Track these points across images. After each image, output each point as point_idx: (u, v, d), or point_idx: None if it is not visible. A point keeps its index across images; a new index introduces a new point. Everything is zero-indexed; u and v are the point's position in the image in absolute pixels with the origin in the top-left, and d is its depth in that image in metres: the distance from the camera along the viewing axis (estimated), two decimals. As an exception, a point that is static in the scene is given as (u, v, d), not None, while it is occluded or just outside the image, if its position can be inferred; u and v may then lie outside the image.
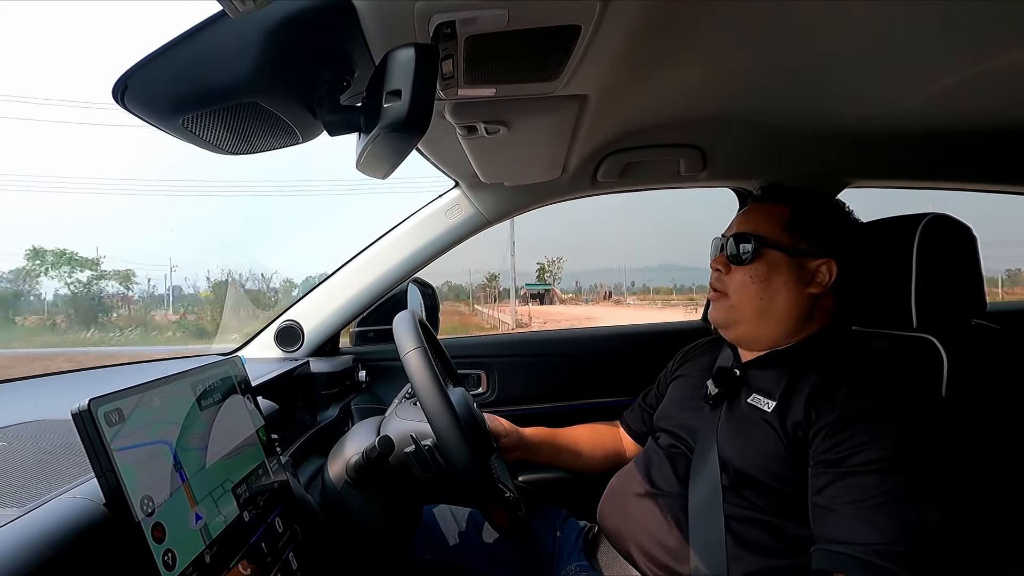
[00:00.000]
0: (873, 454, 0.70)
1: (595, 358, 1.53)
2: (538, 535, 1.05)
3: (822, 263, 0.85)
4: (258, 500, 0.61)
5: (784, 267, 0.85)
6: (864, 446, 0.70)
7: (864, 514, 0.68)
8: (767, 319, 0.87)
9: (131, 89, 0.54)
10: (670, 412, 0.99)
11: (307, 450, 0.99)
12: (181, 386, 0.56)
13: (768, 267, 0.86)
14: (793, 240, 0.86)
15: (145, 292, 32.66)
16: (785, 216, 0.88)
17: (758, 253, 0.86)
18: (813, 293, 0.85)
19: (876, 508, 0.67)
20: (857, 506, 0.68)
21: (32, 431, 0.68)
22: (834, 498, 0.70)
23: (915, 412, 0.73)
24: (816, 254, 0.85)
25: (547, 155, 1.02)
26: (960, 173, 1.29)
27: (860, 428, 0.71)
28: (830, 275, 0.85)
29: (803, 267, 0.85)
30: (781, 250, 0.86)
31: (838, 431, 0.72)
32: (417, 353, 0.76)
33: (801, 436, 0.76)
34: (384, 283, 1.33)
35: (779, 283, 0.85)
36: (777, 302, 0.86)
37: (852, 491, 0.69)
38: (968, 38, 0.71)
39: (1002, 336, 0.89)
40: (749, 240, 0.87)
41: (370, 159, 0.60)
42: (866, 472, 0.69)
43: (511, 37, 0.57)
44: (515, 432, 1.06)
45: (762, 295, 0.86)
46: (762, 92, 0.92)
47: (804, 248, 0.85)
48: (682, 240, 60.05)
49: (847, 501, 0.69)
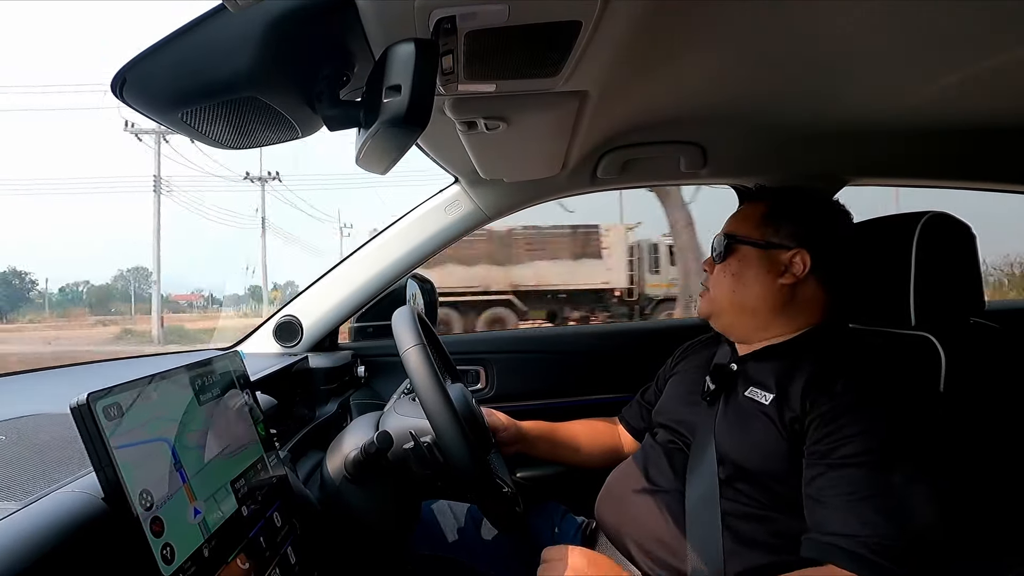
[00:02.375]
0: (862, 446, 0.70)
1: (594, 355, 1.53)
2: (536, 531, 1.06)
3: (794, 253, 0.87)
4: (256, 495, 0.61)
5: (755, 260, 0.89)
6: (852, 438, 0.71)
7: (853, 507, 0.68)
8: (743, 311, 0.91)
9: (130, 83, 0.54)
10: (668, 408, 0.99)
11: (306, 445, 1.00)
12: (180, 381, 0.56)
13: (740, 262, 0.91)
14: (765, 234, 0.89)
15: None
16: (760, 212, 0.92)
17: (731, 250, 0.92)
18: (787, 284, 0.87)
19: (865, 501, 0.68)
20: (846, 498, 0.69)
21: (31, 425, 0.68)
22: (824, 489, 0.71)
23: (908, 407, 0.74)
24: (787, 246, 0.88)
25: (547, 151, 1.01)
26: (961, 171, 1.29)
27: (850, 420, 0.72)
28: (804, 265, 0.86)
29: (774, 259, 0.88)
30: (751, 244, 0.90)
31: (829, 422, 0.73)
32: (416, 350, 0.76)
33: (798, 428, 0.76)
34: (383, 279, 1.33)
35: (750, 276, 0.89)
36: (750, 294, 0.89)
37: (841, 483, 0.70)
38: (969, 36, 0.71)
39: (1000, 335, 0.89)
40: (725, 239, 0.93)
41: (370, 154, 0.60)
42: (855, 464, 0.70)
43: (511, 33, 0.57)
44: (513, 426, 1.06)
45: (734, 288, 0.91)
46: (763, 89, 0.92)
47: (775, 241, 0.88)
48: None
49: (836, 493, 0.70)
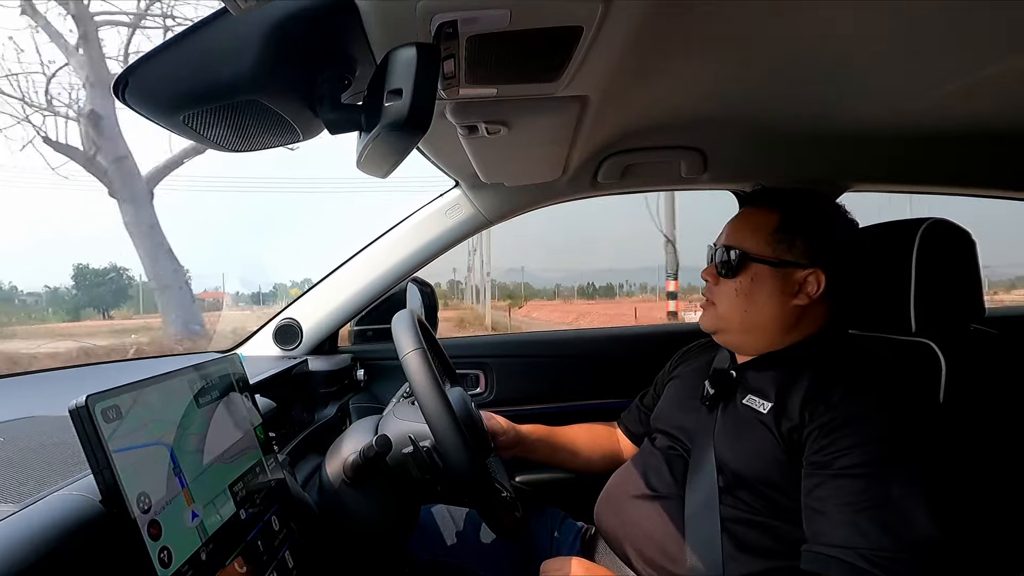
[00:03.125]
0: (860, 457, 0.70)
1: (593, 359, 1.53)
2: (535, 536, 1.05)
3: (809, 274, 0.83)
4: (255, 498, 0.61)
5: (768, 279, 0.84)
6: (851, 449, 0.70)
7: (851, 518, 0.68)
8: (753, 329, 0.87)
9: (132, 85, 0.54)
10: (667, 413, 0.99)
11: (304, 449, 0.99)
12: (179, 383, 0.56)
13: (752, 280, 0.85)
14: (779, 251, 0.84)
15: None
16: (773, 223, 0.86)
17: (742, 267, 0.86)
18: (800, 304, 0.84)
19: (863, 512, 0.67)
20: (844, 509, 0.68)
21: (29, 427, 0.68)
22: (823, 500, 0.71)
23: (908, 417, 0.73)
24: (803, 265, 0.83)
25: (548, 156, 1.02)
26: (960, 178, 1.29)
27: (850, 430, 0.71)
28: (818, 286, 0.83)
29: (789, 278, 0.84)
30: (766, 263, 0.84)
31: (829, 432, 0.72)
32: (417, 355, 0.76)
33: (796, 438, 0.76)
34: (383, 282, 1.33)
35: (763, 296, 0.84)
36: (762, 314, 0.85)
37: (840, 493, 0.69)
38: (969, 42, 0.71)
39: (1000, 341, 0.89)
40: (735, 253, 0.86)
41: (370, 158, 0.60)
42: (854, 476, 0.69)
43: (513, 37, 0.57)
44: (512, 430, 1.06)
45: (746, 308, 0.86)
46: (763, 95, 0.92)
47: (790, 259, 0.84)
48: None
49: (835, 504, 0.69)
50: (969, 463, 0.83)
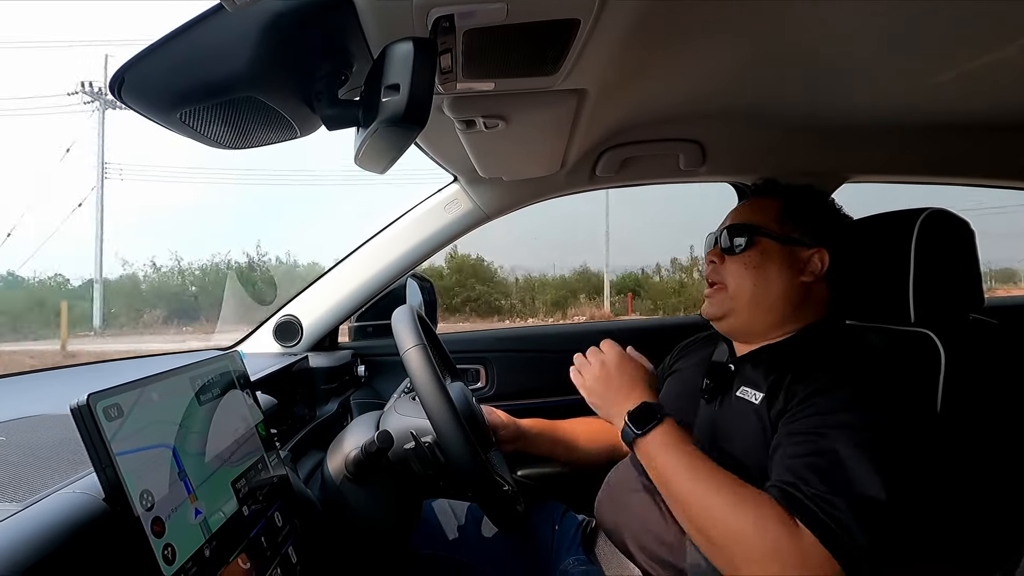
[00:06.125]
0: (817, 421, 0.70)
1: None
2: (536, 529, 1.06)
3: (814, 252, 0.86)
4: (257, 495, 0.61)
5: (777, 255, 0.86)
6: (813, 416, 0.71)
7: (795, 463, 0.68)
8: (761, 307, 0.87)
9: (128, 83, 0.54)
10: (667, 406, 0.99)
11: (306, 445, 1.00)
12: (180, 381, 0.56)
13: (761, 255, 0.87)
14: (785, 229, 0.87)
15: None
16: (777, 207, 0.89)
17: (751, 242, 0.87)
18: (805, 282, 0.86)
19: (806, 458, 0.68)
20: (792, 460, 0.69)
21: (31, 426, 0.68)
22: (776, 450, 0.72)
23: (880, 393, 0.73)
24: (808, 243, 0.86)
25: (546, 149, 1.01)
26: (960, 168, 1.29)
27: (817, 400, 0.72)
28: (822, 264, 0.85)
29: (795, 256, 0.86)
30: (773, 238, 0.87)
31: (801, 403, 0.73)
32: (417, 350, 0.76)
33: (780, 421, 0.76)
34: (383, 278, 1.33)
35: (773, 271, 0.86)
36: (771, 289, 0.86)
37: (791, 446, 0.70)
38: (968, 33, 0.71)
39: (999, 331, 0.89)
40: (743, 230, 0.88)
41: (369, 153, 0.59)
42: (808, 434, 0.70)
43: (510, 31, 0.57)
44: (513, 424, 1.06)
45: (756, 282, 0.86)
46: (761, 86, 0.92)
47: (796, 237, 0.87)
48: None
49: (783, 455, 0.70)
50: (968, 452, 0.84)
